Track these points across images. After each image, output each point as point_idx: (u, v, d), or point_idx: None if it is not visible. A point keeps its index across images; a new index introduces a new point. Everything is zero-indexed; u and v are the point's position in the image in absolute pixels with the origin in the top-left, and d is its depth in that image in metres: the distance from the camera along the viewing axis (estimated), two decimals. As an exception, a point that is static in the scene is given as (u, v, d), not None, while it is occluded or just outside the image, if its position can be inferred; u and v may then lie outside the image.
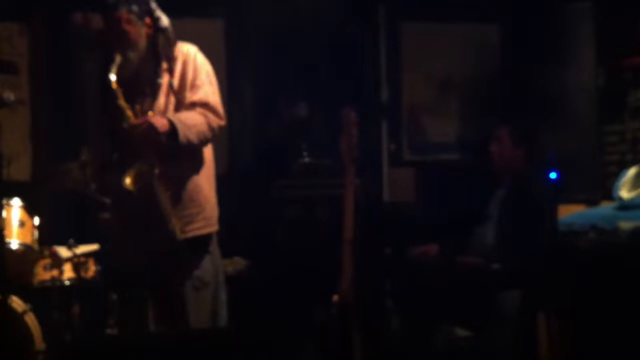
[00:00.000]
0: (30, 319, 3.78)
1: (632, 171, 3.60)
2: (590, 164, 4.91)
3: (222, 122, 3.24)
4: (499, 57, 5.63)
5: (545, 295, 3.66)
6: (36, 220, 4.03)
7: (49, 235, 4.17)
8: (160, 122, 3.06)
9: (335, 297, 3.55)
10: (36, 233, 4.01)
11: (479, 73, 5.58)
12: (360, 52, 5.43)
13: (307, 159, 4.97)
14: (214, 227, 3.29)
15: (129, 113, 3.07)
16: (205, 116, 3.17)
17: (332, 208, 4.51)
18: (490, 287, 3.72)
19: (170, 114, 3.16)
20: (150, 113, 3.14)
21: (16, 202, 3.99)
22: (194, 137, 3.11)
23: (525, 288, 3.64)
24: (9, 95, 3.38)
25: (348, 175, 3.62)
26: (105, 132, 3.21)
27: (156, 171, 3.06)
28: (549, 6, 5.20)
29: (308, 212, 4.86)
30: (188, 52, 3.24)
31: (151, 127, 3.04)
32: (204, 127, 3.15)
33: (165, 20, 3.23)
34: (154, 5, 3.20)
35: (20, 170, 4.82)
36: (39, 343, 3.77)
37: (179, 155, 3.14)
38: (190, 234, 3.19)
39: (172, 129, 3.06)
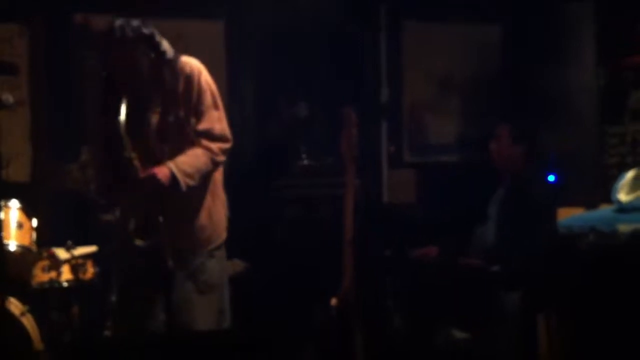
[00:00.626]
0: (29, 321, 3.77)
1: (630, 174, 3.59)
2: (591, 165, 4.91)
3: (229, 145, 3.23)
4: (500, 56, 5.63)
5: (545, 296, 3.65)
6: (34, 222, 4.02)
7: (47, 237, 4.17)
8: (163, 174, 3.05)
9: (334, 301, 3.55)
10: (34, 235, 4.00)
11: (480, 73, 5.58)
12: (361, 52, 5.43)
13: (305, 161, 4.97)
14: (218, 241, 3.29)
15: (137, 163, 3.05)
16: (209, 150, 3.15)
17: (332, 208, 4.51)
18: (490, 288, 3.71)
19: (172, 139, 3.15)
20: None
21: (14, 204, 3.98)
22: (195, 182, 3.12)
23: (525, 289, 3.64)
24: (8, 98, 3.37)
25: (348, 176, 3.61)
26: (105, 135, 3.17)
27: (160, 219, 3.07)
28: (549, 6, 5.20)
29: (308, 212, 4.86)
30: (191, 72, 3.17)
31: (155, 181, 3.04)
32: (206, 167, 3.15)
33: (170, 52, 3.15)
34: (158, 37, 3.12)
35: (20, 170, 4.81)
36: (38, 345, 3.76)
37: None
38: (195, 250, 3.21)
39: (174, 177, 3.08)
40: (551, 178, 3.90)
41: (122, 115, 3.01)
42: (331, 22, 5.16)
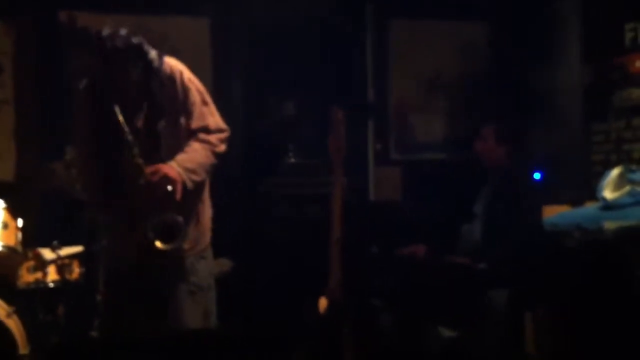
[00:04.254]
0: (15, 323, 3.74)
1: (615, 172, 3.61)
2: (576, 163, 4.93)
3: (226, 134, 3.22)
4: (486, 55, 5.65)
5: (532, 294, 3.67)
6: (20, 222, 4.00)
7: (33, 237, 4.15)
8: (174, 174, 3.02)
9: (322, 300, 3.55)
10: (20, 235, 3.97)
11: (466, 71, 5.60)
12: (348, 51, 5.44)
13: (293, 159, 4.97)
14: (204, 244, 3.27)
15: (146, 169, 3.00)
16: (208, 143, 3.14)
17: (320, 207, 4.51)
18: (477, 286, 3.72)
19: (161, 142, 3.12)
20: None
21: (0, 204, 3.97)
22: (200, 178, 3.12)
23: (512, 287, 3.65)
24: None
25: (336, 175, 3.62)
26: (97, 143, 3.14)
27: (180, 219, 3.03)
28: (535, 5, 5.22)
29: (296, 210, 4.86)
30: (172, 73, 3.14)
31: (168, 182, 3.00)
32: (208, 159, 3.14)
33: (156, 60, 3.11)
34: (147, 47, 3.09)
35: (5, 170, 4.80)
36: (23, 346, 3.73)
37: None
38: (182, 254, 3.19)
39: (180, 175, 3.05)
40: (537, 176, 3.92)
41: (124, 123, 2.98)
42: (319, 21, 5.16)
